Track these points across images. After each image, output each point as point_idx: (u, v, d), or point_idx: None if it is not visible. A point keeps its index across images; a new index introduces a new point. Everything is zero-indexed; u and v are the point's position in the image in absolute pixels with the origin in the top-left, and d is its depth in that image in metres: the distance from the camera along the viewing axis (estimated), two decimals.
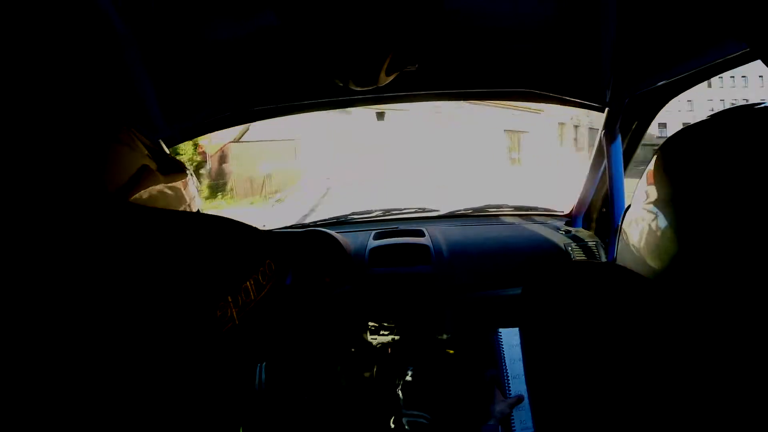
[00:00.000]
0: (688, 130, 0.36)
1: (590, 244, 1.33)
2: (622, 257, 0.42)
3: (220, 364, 0.32)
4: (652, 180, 0.37)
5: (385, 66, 0.89)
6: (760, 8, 0.51)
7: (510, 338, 0.84)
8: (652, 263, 0.36)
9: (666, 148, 0.37)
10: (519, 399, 0.79)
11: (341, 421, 0.98)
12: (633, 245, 0.39)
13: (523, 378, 0.79)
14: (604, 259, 1.28)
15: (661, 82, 0.95)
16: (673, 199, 0.34)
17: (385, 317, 1.30)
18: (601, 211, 1.37)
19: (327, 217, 1.68)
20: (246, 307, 0.35)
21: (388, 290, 1.30)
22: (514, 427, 0.78)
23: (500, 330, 0.85)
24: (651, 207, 0.36)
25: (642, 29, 0.82)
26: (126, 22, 0.63)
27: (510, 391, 0.81)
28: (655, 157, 0.38)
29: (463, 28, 0.88)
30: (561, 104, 1.22)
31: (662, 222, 0.35)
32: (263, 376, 0.88)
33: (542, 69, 1.07)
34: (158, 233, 0.36)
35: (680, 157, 0.35)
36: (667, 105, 1.06)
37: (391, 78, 0.95)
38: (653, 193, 0.37)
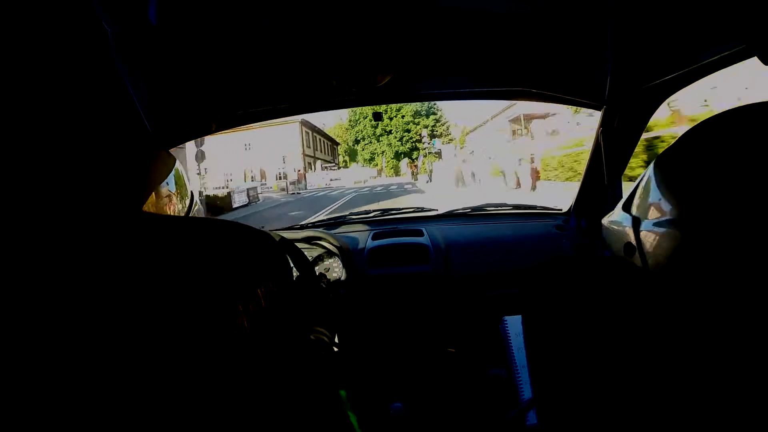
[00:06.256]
0: (689, 137, 0.36)
1: (588, 241, 1.33)
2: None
3: (232, 372, 0.32)
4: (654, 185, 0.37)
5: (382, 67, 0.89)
6: (758, 6, 0.51)
7: (516, 326, 0.83)
8: (653, 261, 0.36)
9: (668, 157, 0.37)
10: (531, 402, 0.78)
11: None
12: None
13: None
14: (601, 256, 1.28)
15: (658, 80, 0.95)
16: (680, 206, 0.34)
17: (385, 317, 1.29)
18: (599, 209, 1.37)
19: (325, 218, 1.67)
20: (256, 315, 0.35)
21: (387, 290, 1.30)
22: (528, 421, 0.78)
23: (505, 318, 0.84)
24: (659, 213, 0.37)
25: (639, 26, 0.82)
26: (118, 22, 0.62)
27: (520, 379, 0.80)
28: (656, 163, 0.38)
29: (459, 27, 0.88)
30: (559, 103, 1.22)
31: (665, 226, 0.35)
32: None
33: (539, 68, 1.07)
34: (173, 240, 0.36)
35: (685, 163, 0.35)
36: None
37: (387, 78, 0.95)
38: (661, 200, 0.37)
